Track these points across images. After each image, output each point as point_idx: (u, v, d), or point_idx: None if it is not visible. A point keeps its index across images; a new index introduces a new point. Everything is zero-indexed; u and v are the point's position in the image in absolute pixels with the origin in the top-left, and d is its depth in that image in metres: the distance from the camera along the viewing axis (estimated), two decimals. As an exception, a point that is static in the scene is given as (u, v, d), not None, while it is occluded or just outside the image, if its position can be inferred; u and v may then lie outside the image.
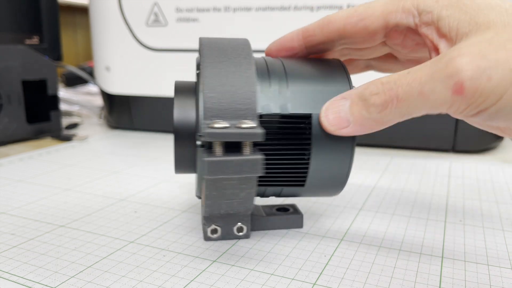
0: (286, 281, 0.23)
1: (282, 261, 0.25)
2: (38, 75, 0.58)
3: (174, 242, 0.28)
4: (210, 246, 0.27)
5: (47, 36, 0.71)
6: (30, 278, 0.23)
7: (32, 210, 0.33)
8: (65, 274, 0.24)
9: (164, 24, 0.56)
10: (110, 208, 0.33)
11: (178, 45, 0.56)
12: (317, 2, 0.49)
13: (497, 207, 0.34)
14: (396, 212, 0.33)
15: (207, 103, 0.23)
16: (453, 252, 0.26)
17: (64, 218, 0.31)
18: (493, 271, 0.24)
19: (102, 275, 0.24)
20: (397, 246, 0.27)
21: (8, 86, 0.55)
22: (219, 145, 0.23)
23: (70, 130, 0.64)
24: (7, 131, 0.56)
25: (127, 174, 0.43)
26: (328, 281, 0.23)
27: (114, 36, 0.59)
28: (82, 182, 0.40)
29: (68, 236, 0.28)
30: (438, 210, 0.33)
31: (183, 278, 0.23)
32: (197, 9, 0.54)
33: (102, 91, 0.64)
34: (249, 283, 0.23)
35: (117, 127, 0.66)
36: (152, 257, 0.26)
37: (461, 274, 0.24)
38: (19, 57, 0.56)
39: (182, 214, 0.32)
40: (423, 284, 0.23)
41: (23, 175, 0.42)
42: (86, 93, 0.97)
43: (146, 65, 0.58)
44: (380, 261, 0.25)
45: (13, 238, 0.28)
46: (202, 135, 0.22)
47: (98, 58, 0.62)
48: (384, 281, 0.23)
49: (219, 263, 0.25)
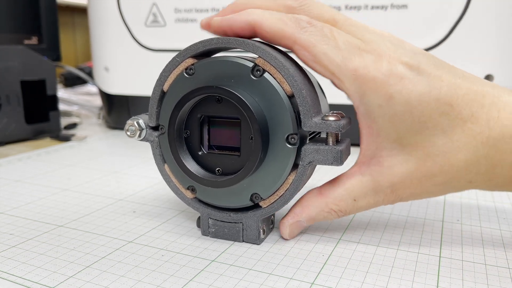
0: (285, 281, 0.23)
1: (281, 260, 0.25)
2: (37, 76, 0.58)
3: (173, 241, 0.28)
4: (208, 245, 0.27)
5: (46, 37, 0.71)
6: (29, 278, 0.23)
7: (31, 210, 0.33)
8: (64, 274, 0.24)
9: (163, 25, 0.56)
10: (109, 208, 0.34)
11: (176, 46, 0.56)
12: (315, 2, 0.49)
13: (494, 206, 0.34)
14: (393, 212, 0.33)
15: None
16: (450, 252, 0.26)
17: (63, 218, 0.31)
18: (491, 270, 0.24)
19: (100, 275, 0.24)
20: (395, 246, 0.27)
21: (7, 86, 0.55)
22: (333, 137, 0.25)
23: (69, 130, 0.64)
24: (6, 131, 0.56)
25: (126, 174, 0.43)
26: (326, 280, 0.23)
27: (113, 36, 0.59)
28: (81, 182, 0.40)
29: (67, 236, 0.28)
30: (436, 210, 0.33)
31: (181, 277, 0.23)
32: (195, 9, 0.54)
33: (101, 91, 0.64)
34: (248, 283, 0.23)
35: (116, 127, 0.66)
36: (151, 256, 0.26)
37: (458, 273, 0.24)
38: (18, 58, 0.56)
39: (180, 214, 0.32)
40: (421, 283, 0.23)
41: (22, 175, 0.42)
42: (85, 93, 0.97)
43: (144, 65, 0.58)
44: (378, 260, 0.25)
45: (12, 238, 0.28)
46: (326, 127, 0.24)
47: (97, 59, 0.62)
48: (382, 280, 0.23)
49: (218, 262, 0.25)
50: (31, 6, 0.68)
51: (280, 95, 0.25)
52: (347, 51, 0.24)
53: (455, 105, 0.24)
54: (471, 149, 0.24)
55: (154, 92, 0.28)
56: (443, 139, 0.24)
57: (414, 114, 0.24)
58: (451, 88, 0.24)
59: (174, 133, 0.26)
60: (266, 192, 0.26)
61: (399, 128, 0.25)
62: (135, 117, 0.28)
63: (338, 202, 0.26)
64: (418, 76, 0.24)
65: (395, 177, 0.25)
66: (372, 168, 0.26)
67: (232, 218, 0.27)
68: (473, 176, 0.25)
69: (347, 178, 0.26)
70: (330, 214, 0.27)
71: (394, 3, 0.48)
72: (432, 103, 0.24)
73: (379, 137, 0.25)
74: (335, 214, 0.27)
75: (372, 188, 0.26)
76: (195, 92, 0.25)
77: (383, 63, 0.24)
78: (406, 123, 0.24)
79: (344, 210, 0.27)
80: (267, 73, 0.25)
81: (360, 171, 0.26)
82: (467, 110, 0.24)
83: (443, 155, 0.24)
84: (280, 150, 0.25)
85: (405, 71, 0.24)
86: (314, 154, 0.25)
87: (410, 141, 0.25)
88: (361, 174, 0.26)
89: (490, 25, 0.46)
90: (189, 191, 0.28)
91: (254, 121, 0.24)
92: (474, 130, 0.24)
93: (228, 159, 0.27)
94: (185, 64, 0.27)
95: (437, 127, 0.24)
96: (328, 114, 0.25)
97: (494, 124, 0.24)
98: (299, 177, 0.25)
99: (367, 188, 0.26)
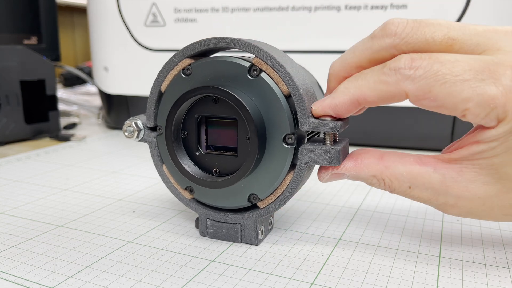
0: (284, 281, 0.23)
1: (280, 260, 0.25)
2: (37, 75, 0.58)
3: (172, 242, 0.28)
4: (208, 245, 0.27)
5: (45, 37, 0.71)
6: (28, 278, 0.23)
7: (30, 210, 0.33)
8: (63, 274, 0.24)
9: (162, 25, 0.56)
10: (108, 208, 0.33)
11: (176, 46, 0.56)
12: (314, 2, 0.49)
13: (494, 206, 0.34)
14: (393, 212, 0.33)
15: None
16: (450, 252, 0.26)
17: (62, 218, 0.31)
18: (490, 270, 0.24)
19: (100, 275, 0.24)
20: (395, 246, 0.27)
21: (6, 86, 0.55)
22: (331, 137, 0.25)
23: (68, 130, 0.64)
24: (5, 131, 0.55)
25: (125, 174, 0.43)
26: (326, 280, 0.23)
27: (113, 36, 0.59)
28: (80, 182, 0.40)
29: (66, 236, 0.28)
30: (436, 210, 0.33)
31: (181, 277, 0.23)
32: (195, 9, 0.54)
33: (100, 91, 0.64)
34: (247, 283, 0.23)
35: (115, 127, 0.66)
36: (150, 256, 0.26)
37: (458, 273, 0.24)
38: (17, 58, 0.56)
39: (180, 214, 0.32)
40: (421, 283, 0.23)
41: (21, 175, 0.42)
42: (85, 93, 0.97)
43: (144, 65, 0.58)
44: (378, 260, 0.25)
45: (11, 238, 0.28)
46: (323, 128, 0.24)
47: (96, 58, 0.62)
48: (381, 281, 0.23)
49: (217, 262, 0.25)
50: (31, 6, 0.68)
51: (277, 95, 0.24)
52: (475, 80, 0.20)
53: None
54: None
55: (152, 92, 0.28)
56: None
57: None
58: None
59: (171, 134, 0.26)
60: (263, 192, 0.26)
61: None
62: (133, 117, 0.28)
63: (394, 178, 0.24)
64: None
65: (468, 193, 0.22)
66: (450, 173, 0.23)
67: (230, 219, 0.27)
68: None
69: (417, 163, 0.23)
70: (379, 184, 0.25)
71: (393, 3, 0.48)
72: None
73: (483, 155, 0.22)
74: (384, 186, 0.24)
75: (436, 189, 0.23)
76: (192, 92, 0.25)
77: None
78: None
79: (394, 189, 0.24)
80: (264, 73, 0.25)
81: (435, 166, 0.23)
82: None
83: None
84: (277, 150, 0.25)
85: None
86: (311, 154, 0.25)
87: (508, 171, 0.21)
88: (434, 169, 0.23)
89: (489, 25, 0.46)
90: (187, 191, 0.28)
91: (251, 121, 0.24)
92: None
93: (226, 159, 0.27)
94: (182, 64, 0.27)
95: None
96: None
97: None
98: (297, 178, 0.25)
99: (431, 185, 0.23)
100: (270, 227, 0.29)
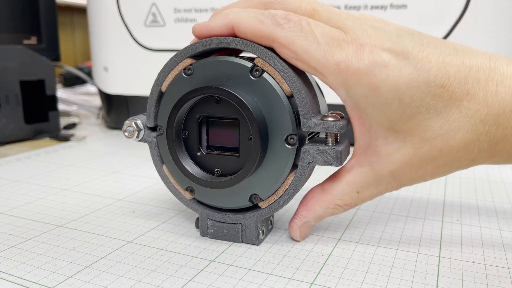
0: (284, 281, 0.23)
1: (280, 260, 0.25)
2: (36, 76, 0.58)
3: (172, 242, 0.28)
4: (208, 245, 0.27)
5: (45, 37, 0.71)
6: (28, 278, 0.23)
7: (30, 210, 0.33)
8: (63, 274, 0.24)
9: (162, 25, 0.56)
10: (108, 208, 0.33)
11: (176, 46, 0.56)
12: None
13: (494, 206, 0.34)
14: (393, 212, 0.33)
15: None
16: (450, 252, 0.26)
17: (62, 218, 0.31)
18: (490, 270, 0.24)
19: (100, 275, 0.24)
20: (395, 246, 0.27)
21: (6, 87, 0.55)
22: (333, 137, 0.25)
23: (68, 130, 0.64)
24: (5, 131, 0.55)
25: (125, 174, 0.43)
26: (326, 280, 0.23)
27: (112, 36, 0.59)
28: (80, 182, 0.40)
29: (66, 236, 0.28)
30: (435, 210, 0.33)
31: (181, 278, 0.23)
32: (195, 9, 0.54)
33: (100, 91, 0.64)
34: (247, 283, 0.23)
35: (115, 127, 0.66)
36: (150, 257, 0.26)
37: (458, 273, 0.24)
38: (17, 58, 0.56)
39: (180, 214, 0.32)
40: (421, 283, 0.23)
41: (21, 175, 0.42)
42: (84, 93, 0.97)
43: (144, 65, 0.58)
44: (378, 260, 0.25)
45: (11, 238, 0.28)
46: (325, 128, 0.24)
47: (96, 58, 0.62)
48: (381, 280, 0.23)
49: (217, 262, 0.25)
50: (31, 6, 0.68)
51: (279, 95, 0.24)
52: (327, 45, 0.24)
53: (447, 85, 0.23)
54: (469, 128, 0.24)
55: (152, 92, 0.28)
56: (438, 122, 0.24)
57: (404, 100, 0.23)
58: (440, 68, 0.23)
59: (172, 134, 0.26)
60: (265, 192, 0.26)
61: (390, 116, 0.24)
62: (133, 117, 0.28)
63: (342, 197, 0.26)
64: (403, 61, 0.23)
65: (393, 165, 0.25)
66: (370, 158, 0.25)
67: (231, 219, 0.27)
68: (475, 155, 0.24)
69: (347, 171, 0.26)
70: (336, 210, 0.27)
71: (393, 3, 0.48)
72: (422, 87, 0.23)
73: (371, 127, 0.25)
74: (341, 208, 0.27)
75: (373, 178, 0.26)
76: (194, 92, 0.25)
77: (364, 53, 0.23)
78: (397, 110, 0.24)
79: (349, 203, 0.26)
80: (266, 73, 0.25)
81: (358, 162, 0.26)
82: (461, 88, 0.23)
83: (441, 137, 0.24)
84: (279, 151, 0.25)
85: (389, 58, 0.23)
86: (313, 154, 0.25)
87: (403, 127, 0.24)
88: (360, 166, 0.26)
89: (489, 25, 0.46)
90: (187, 192, 0.28)
91: (253, 121, 0.24)
92: (471, 109, 0.23)
93: (227, 159, 0.27)
94: (183, 64, 0.26)
95: (430, 111, 0.24)
96: (327, 115, 0.25)
97: (492, 100, 0.23)
98: (298, 178, 0.25)
99: (368, 178, 0.26)
100: (270, 227, 0.29)
